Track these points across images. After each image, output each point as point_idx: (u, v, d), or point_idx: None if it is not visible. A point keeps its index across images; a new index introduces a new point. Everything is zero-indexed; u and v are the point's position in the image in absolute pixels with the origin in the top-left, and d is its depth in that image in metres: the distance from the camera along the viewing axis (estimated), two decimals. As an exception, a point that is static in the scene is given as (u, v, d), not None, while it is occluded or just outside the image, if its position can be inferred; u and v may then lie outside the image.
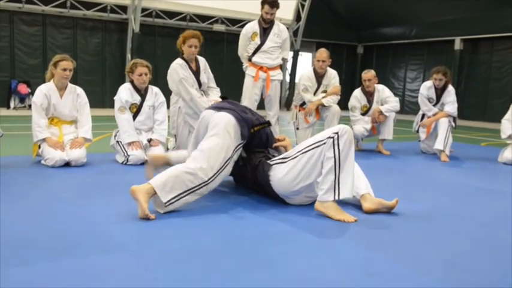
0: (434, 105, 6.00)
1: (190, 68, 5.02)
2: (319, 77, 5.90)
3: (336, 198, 2.83)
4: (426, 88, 6.03)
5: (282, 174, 3.00)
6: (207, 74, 5.20)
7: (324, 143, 2.86)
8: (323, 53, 5.83)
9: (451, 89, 5.96)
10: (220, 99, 5.10)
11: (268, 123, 3.37)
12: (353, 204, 3.19)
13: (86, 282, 1.88)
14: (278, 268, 2.09)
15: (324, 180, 2.85)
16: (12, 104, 11.46)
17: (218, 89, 5.32)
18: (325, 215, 2.88)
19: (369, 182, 3.22)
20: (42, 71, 10.07)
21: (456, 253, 2.38)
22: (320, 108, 5.85)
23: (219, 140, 3.05)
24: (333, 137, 2.84)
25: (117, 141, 4.68)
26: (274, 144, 3.50)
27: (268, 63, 5.74)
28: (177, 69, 4.94)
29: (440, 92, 5.96)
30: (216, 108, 3.31)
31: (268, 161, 3.15)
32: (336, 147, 2.82)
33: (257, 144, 3.35)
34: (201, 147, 3.07)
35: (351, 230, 2.70)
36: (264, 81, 5.76)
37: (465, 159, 5.74)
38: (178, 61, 5.01)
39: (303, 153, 2.93)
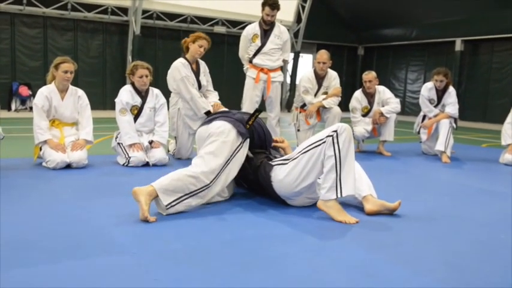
0: (435, 107, 5.99)
1: (191, 68, 5.04)
2: (319, 78, 5.90)
3: (339, 196, 2.83)
4: (427, 89, 6.03)
5: (283, 175, 3.00)
6: (206, 77, 5.22)
7: (324, 142, 2.86)
8: (323, 54, 5.83)
9: (452, 90, 5.96)
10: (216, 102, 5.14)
11: (258, 111, 3.36)
12: (355, 206, 3.19)
13: (86, 284, 1.88)
14: (279, 269, 2.09)
15: (325, 179, 2.85)
16: (13, 106, 11.48)
17: (216, 93, 5.33)
18: (327, 214, 2.88)
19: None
20: (43, 73, 10.08)
21: (457, 254, 2.38)
22: (321, 110, 5.86)
23: (216, 143, 3.07)
24: (332, 135, 2.85)
25: (118, 143, 4.69)
26: (273, 144, 3.50)
27: (269, 64, 5.74)
28: (180, 68, 4.96)
29: (441, 93, 5.96)
30: (207, 121, 3.31)
31: (270, 162, 3.16)
32: (336, 145, 2.83)
33: (257, 140, 3.34)
34: (201, 153, 3.09)
35: (352, 231, 2.70)
36: (264, 82, 5.77)
37: (466, 161, 5.74)
38: (181, 60, 5.03)
39: (303, 153, 2.94)
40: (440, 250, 2.42)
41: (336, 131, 2.85)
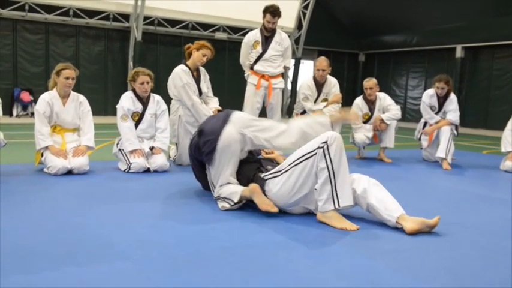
0: (436, 113, 6.00)
1: (192, 75, 5.06)
2: (319, 85, 5.91)
3: (336, 207, 2.83)
4: (428, 96, 6.04)
5: (276, 189, 3.01)
6: (207, 84, 5.25)
7: (315, 154, 2.84)
8: (323, 61, 5.84)
9: (453, 97, 5.97)
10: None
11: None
12: (356, 215, 3.18)
13: (88, 291, 1.88)
14: (279, 276, 2.09)
15: (321, 191, 2.85)
16: (14, 112, 11.51)
17: (216, 99, 5.35)
18: (328, 224, 2.88)
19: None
20: (44, 79, 10.11)
21: (458, 261, 2.37)
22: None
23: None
24: (322, 147, 2.82)
25: (120, 149, 4.69)
26: (262, 155, 3.49)
27: (270, 71, 5.75)
28: (181, 75, 4.97)
29: (442, 100, 5.97)
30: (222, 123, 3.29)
31: (262, 175, 3.14)
32: (327, 156, 2.81)
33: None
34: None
35: (353, 238, 2.70)
36: (266, 89, 5.78)
37: (467, 167, 5.74)
38: (182, 67, 5.04)
39: (294, 165, 2.93)
40: (441, 257, 2.42)
41: (326, 142, 2.83)
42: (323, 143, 2.83)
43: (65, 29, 12.39)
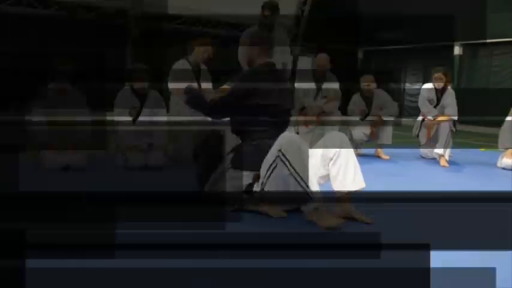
0: (434, 107, 5.99)
1: (193, 70, 5.06)
2: (318, 82, 5.89)
3: (314, 204, 2.78)
4: (426, 90, 6.03)
5: None
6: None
7: (277, 164, 2.79)
8: (322, 58, 5.83)
9: (451, 91, 5.95)
10: None
11: None
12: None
13: (86, 287, 1.88)
14: (278, 272, 2.09)
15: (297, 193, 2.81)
16: (12, 108, 11.48)
17: None
18: (315, 224, 2.82)
19: (368, 187, 3.17)
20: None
21: (456, 257, 2.38)
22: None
23: None
24: (279, 156, 2.75)
25: (117, 145, 4.69)
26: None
27: (268, 67, 5.73)
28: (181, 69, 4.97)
29: (440, 94, 5.96)
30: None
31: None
32: (287, 163, 2.72)
33: None
34: None
35: (348, 232, 2.70)
36: (264, 85, 5.76)
37: (464, 164, 5.74)
38: (183, 62, 5.04)
39: (267, 178, 2.88)
40: (440, 254, 2.42)
41: (280, 150, 2.75)
42: (278, 151, 2.77)
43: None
